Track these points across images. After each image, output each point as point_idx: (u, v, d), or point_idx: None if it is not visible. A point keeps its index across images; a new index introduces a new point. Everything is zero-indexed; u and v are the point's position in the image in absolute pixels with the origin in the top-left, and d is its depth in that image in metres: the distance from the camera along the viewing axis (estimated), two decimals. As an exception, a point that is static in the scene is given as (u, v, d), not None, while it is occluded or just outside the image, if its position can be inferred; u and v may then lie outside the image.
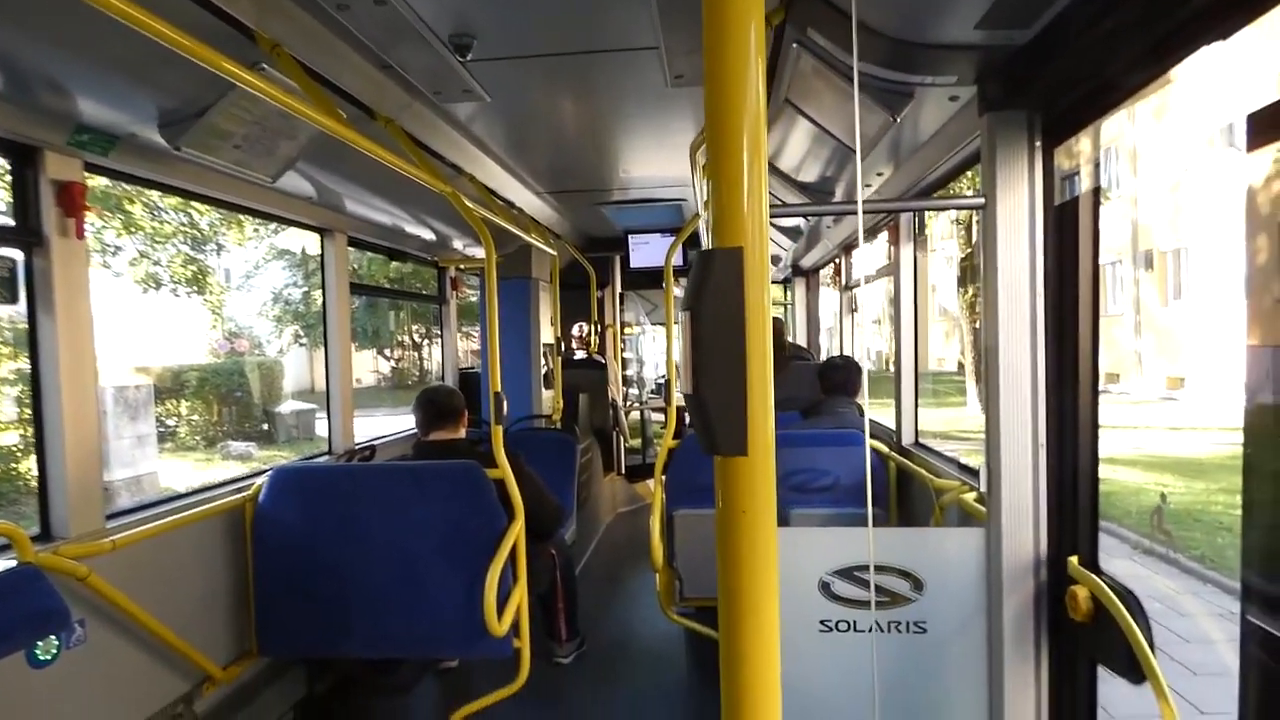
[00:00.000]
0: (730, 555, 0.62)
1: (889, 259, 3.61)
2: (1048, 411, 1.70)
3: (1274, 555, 1.21)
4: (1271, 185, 2.93)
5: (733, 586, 0.62)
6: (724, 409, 0.58)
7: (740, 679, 0.63)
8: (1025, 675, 1.72)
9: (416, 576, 2.53)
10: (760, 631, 0.62)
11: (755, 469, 0.61)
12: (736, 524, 0.61)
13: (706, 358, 0.58)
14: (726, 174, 0.59)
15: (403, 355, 23.09)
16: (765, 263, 0.60)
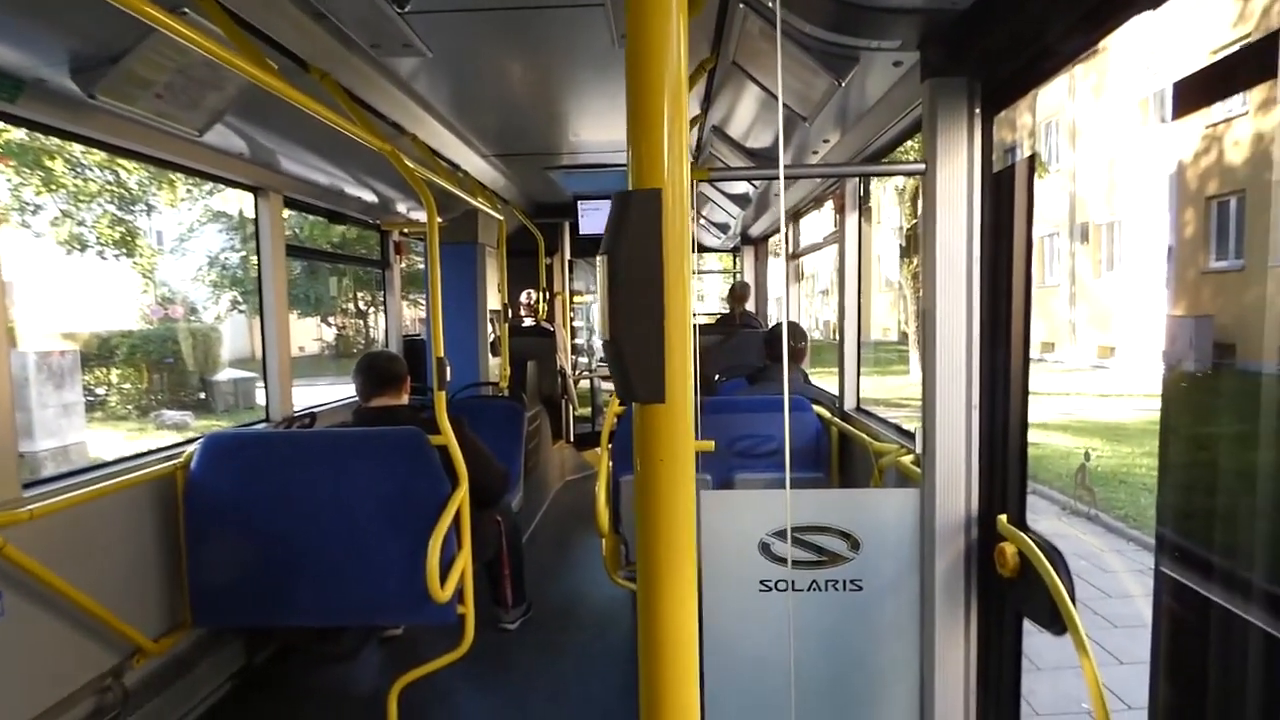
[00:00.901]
0: (648, 504, 0.61)
1: (836, 227, 3.65)
2: (980, 375, 1.74)
3: (1186, 511, 1.27)
4: (1198, 163, 3.02)
5: (651, 536, 0.62)
6: (641, 356, 0.57)
7: (658, 628, 0.63)
8: (955, 629, 1.78)
9: (358, 544, 2.49)
10: (678, 580, 0.62)
11: (674, 417, 0.60)
12: (655, 472, 0.60)
13: (623, 303, 0.57)
14: (645, 112, 0.57)
15: (347, 323, 22.55)
16: (685, 206, 0.58)
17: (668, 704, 0.64)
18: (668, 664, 0.64)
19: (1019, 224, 1.69)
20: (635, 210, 0.56)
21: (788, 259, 5.14)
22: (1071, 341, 18.89)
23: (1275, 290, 3.17)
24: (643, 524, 0.62)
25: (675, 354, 0.58)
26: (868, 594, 1.84)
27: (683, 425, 0.60)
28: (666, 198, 0.57)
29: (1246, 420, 1.14)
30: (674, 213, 0.58)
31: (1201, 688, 1.18)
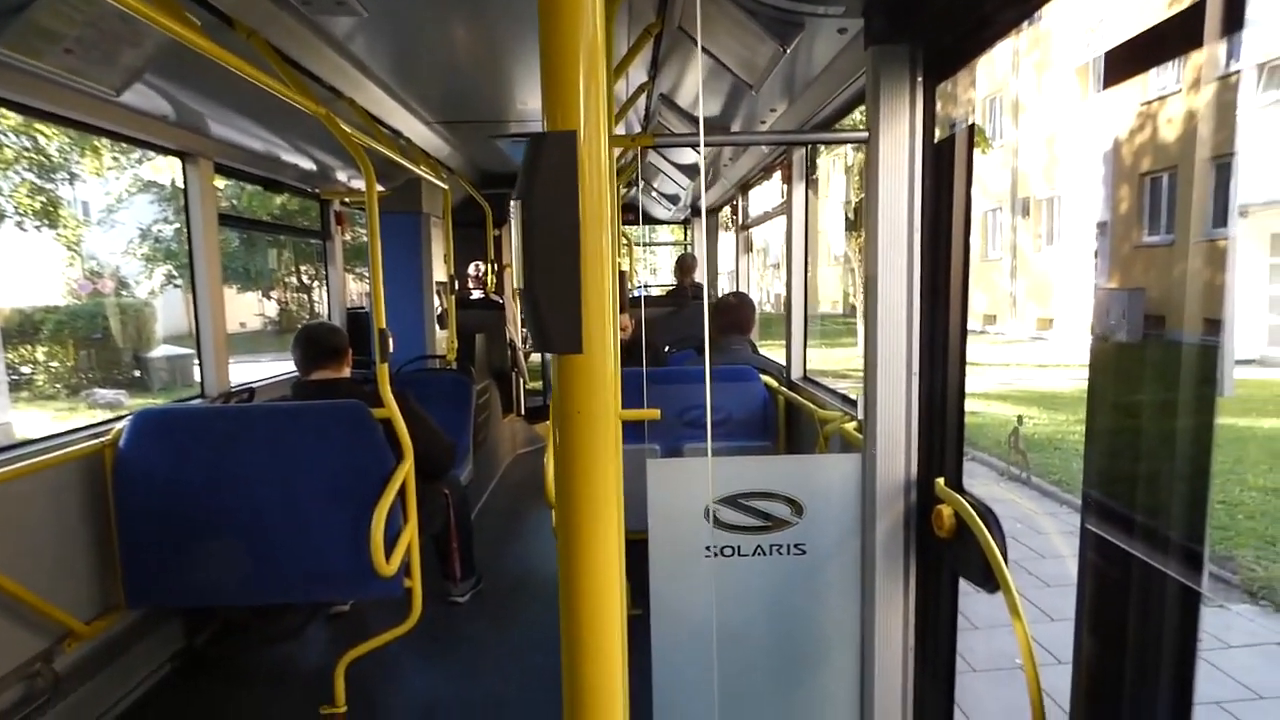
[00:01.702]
0: (567, 456, 0.60)
1: (784, 198, 3.66)
2: (920, 341, 1.77)
3: (1109, 472, 1.31)
4: (1133, 140, 3.08)
5: (570, 489, 0.60)
6: (558, 305, 0.55)
7: (579, 585, 0.62)
8: (895, 589, 1.83)
9: (299, 520, 2.43)
10: (599, 535, 0.61)
11: (593, 367, 0.58)
12: (573, 424, 0.59)
13: (538, 251, 0.55)
14: (559, 46, 0.55)
15: (290, 297, 21.91)
16: (602, 150, 0.56)
17: (591, 665, 0.64)
18: (590, 619, 0.63)
19: (959, 192, 1.71)
20: (549, 154, 0.54)
21: (737, 230, 5.15)
22: (1012, 314, 19.47)
23: (1200, 265, 3.29)
24: (561, 477, 0.61)
25: (594, 303, 0.57)
26: (811, 557, 1.87)
27: (601, 375, 0.59)
28: (583, 140, 0.55)
29: (1169, 388, 1.17)
30: (591, 156, 0.56)
31: (1121, 636, 1.23)
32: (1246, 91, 12.08)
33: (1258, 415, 8.58)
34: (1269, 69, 12.07)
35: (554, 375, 0.60)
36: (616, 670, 0.64)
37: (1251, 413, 8.68)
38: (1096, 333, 1.66)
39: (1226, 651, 3.85)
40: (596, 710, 0.64)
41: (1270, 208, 11.88)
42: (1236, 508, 5.69)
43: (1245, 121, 5.72)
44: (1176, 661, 1.17)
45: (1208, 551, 1.10)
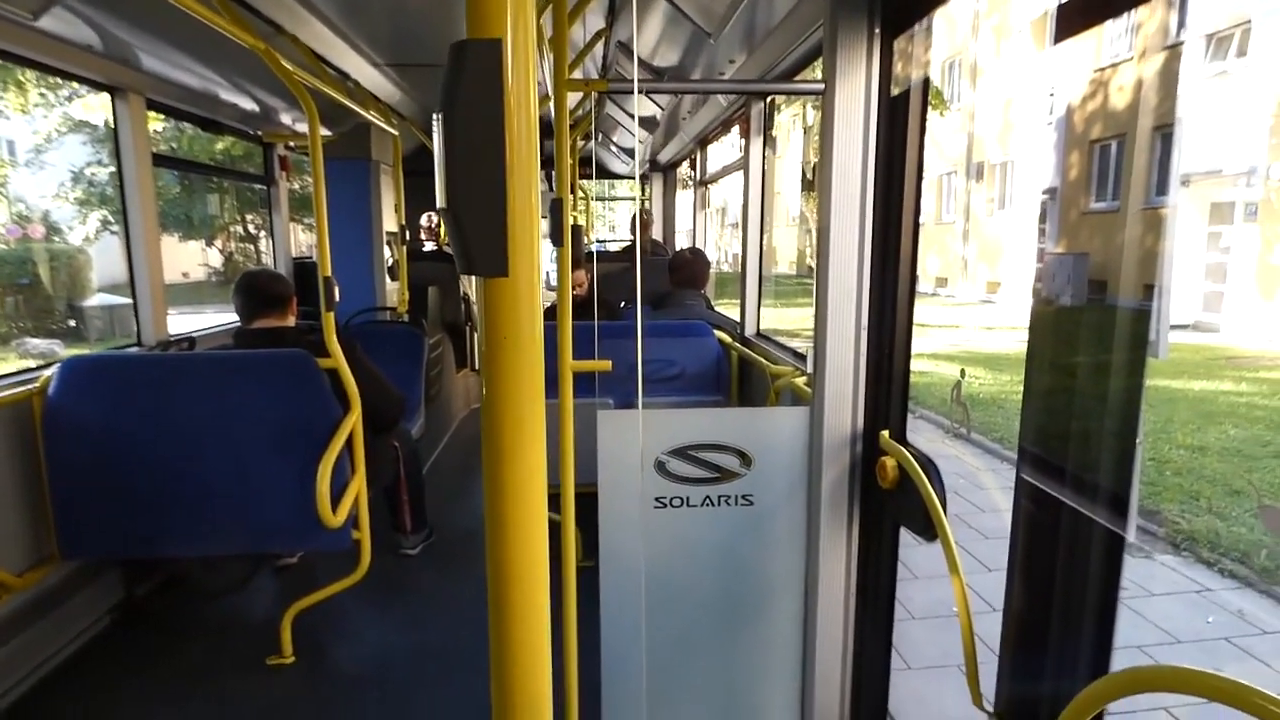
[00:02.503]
0: (492, 384, 0.59)
1: (741, 153, 3.63)
2: (870, 295, 1.79)
3: (1043, 428, 1.35)
4: (1085, 106, 3.13)
5: (495, 420, 0.59)
6: (481, 225, 0.53)
7: (504, 516, 0.61)
8: (838, 538, 1.88)
9: (243, 470, 2.38)
10: (524, 467, 0.60)
11: (518, 291, 0.57)
12: (499, 350, 0.58)
13: (461, 167, 0.52)
14: None
15: (236, 246, 21.17)
16: (531, 61, 0.54)
17: (516, 609, 0.63)
18: (515, 551, 0.63)
19: (912, 148, 1.71)
20: (471, 63, 0.51)
21: (695, 187, 5.11)
22: (963, 277, 19.86)
23: (1141, 232, 3.39)
24: (488, 404, 0.60)
25: (520, 223, 0.55)
26: (758, 508, 1.91)
27: (528, 300, 0.57)
28: (510, 49, 0.53)
29: (1104, 349, 1.21)
30: (520, 67, 0.53)
31: (1049, 582, 1.28)
32: (1194, 62, 12.34)
33: (1189, 378, 8.96)
34: (1217, 39, 12.33)
35: (479, 300, 0.59)
36: (541, 595, 0.64)
37: (1184, 375, 9.06)
38: (1036, 295, 1.70)
39: (1149, 599, 4.06)
40: (521, 646, 0.64)
41: (1212, 177, 12.26)
42: (1165, 464, 5.97)
43: (1190, 92, 5.91)
44: (1100, 605, 1.22)
45: (1134, 500, 1.14)
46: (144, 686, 2.39)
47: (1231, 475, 5.74)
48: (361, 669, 2.50)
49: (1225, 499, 5.28)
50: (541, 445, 0.62)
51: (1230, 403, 7.90)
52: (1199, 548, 4.59)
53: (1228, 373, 9.45)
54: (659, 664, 1.96)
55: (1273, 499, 5.32)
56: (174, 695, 2.35)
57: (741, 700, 2.00)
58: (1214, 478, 5.68)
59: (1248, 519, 5.02)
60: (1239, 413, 7.46)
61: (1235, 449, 6.34)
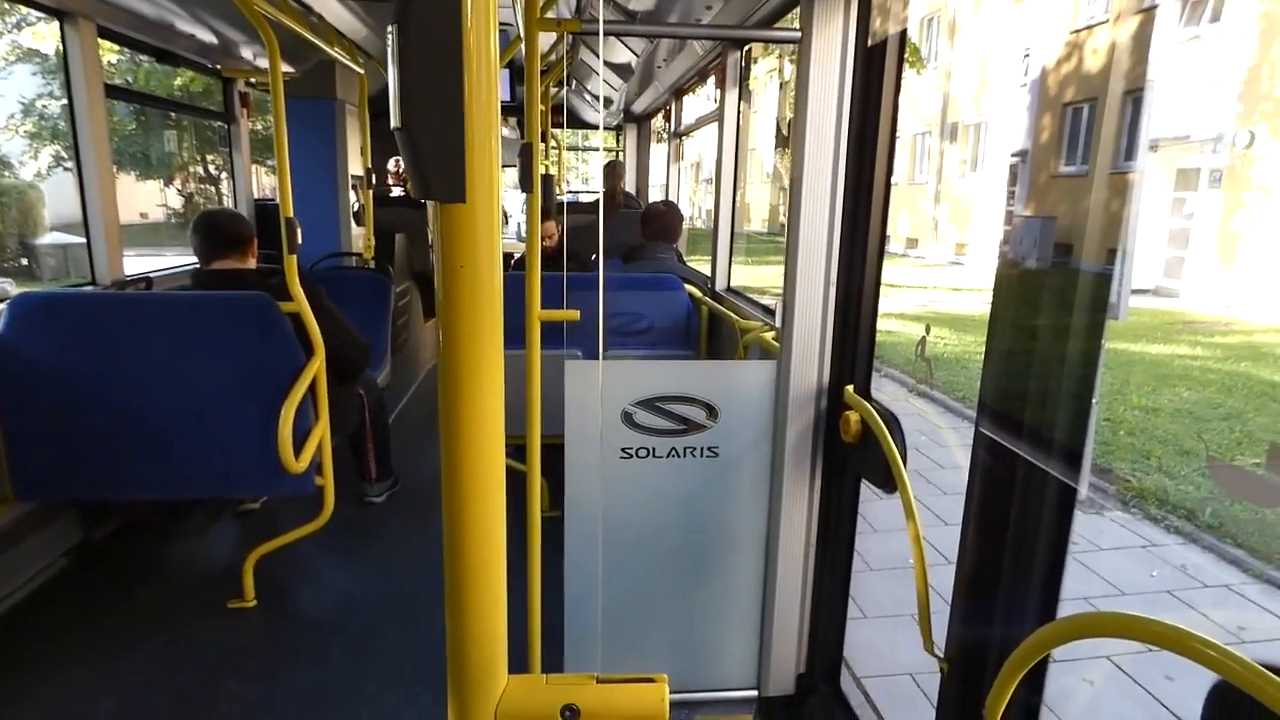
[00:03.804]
0: (450, 313, 0.57)
1: (716, 104, 3.57)
2: (840, 250, 1.78)
3: (1002, 384, 1.37)
4: (1059, 69, 3.13)
5: (453, 357, 0.58)
6: (439, 148, 0.51)
7: (460, 449, 0.61)
8: (800, 489, 1.90)
9: (204, 413, 2.33)
10: (481, 396, 0.59)
11: (476, 218, 0.55)
12: (455, 279, 0.56)
13: (417, 85, 0.50)
14: None
15: (196, 187, 20.50)
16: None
17: (471, 546, 0.63)
18: (472, 479, 0.62)
19: (887, 101, 1.69)
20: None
21: (669, 139, 5.03)
22: (934, 238, 19.98)
23: (1107, 196, 3.42)
24: (446, 332, 0.58)
25: (479, 148, 0.53)
26: (723, 459, 1.92)
27: (486, 227, 0.56)
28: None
29: (1065, 309, 1.22)
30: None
31: (1002, 533, 1.31)
32: (1168, 26, 12.35)
33: (1147, 341, 9.19)
34: (1192, 3, 12.34)
35: (435, 226, 0.57)
36: (496, 535, 0.64)
37: (1142, 339, 9.28)
38: (1002, 257, 1.71)
39: (1098, 554, 4.22)
40: (477, 591, 0.63)
41: (1179, 143, 12.39)
42: (1119, 424, 6.15)
43: (1162, 56, 5.92)
44: (1050, 556, 1.26)
45: (1089, 456, 1.17)
46: (102, 629, 2.37)
47: (1182, 435, 5.93)
48: (325, 614, 2.51)
49: (1175, 458, 5.46)
50: (498, 379, 0.61)
51: (1185, 366, 8.13)
52: (1148, 505, 4.76)
53: (1184, 337, 9.71)
54: (620, 610, 1.99)
55: (1222, 458, 5.52)
56: (132, 638, 2.34)
57: (700, 645, 2.05)
58: (1165, 438, 5.87)
59: (1195, 477, 5.21)
60: (1193, 376, 7.68)
61: (1187, 410, 6.54)
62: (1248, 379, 7.46)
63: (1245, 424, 6.16)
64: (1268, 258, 11.22)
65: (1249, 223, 11.64)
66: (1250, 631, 3.51)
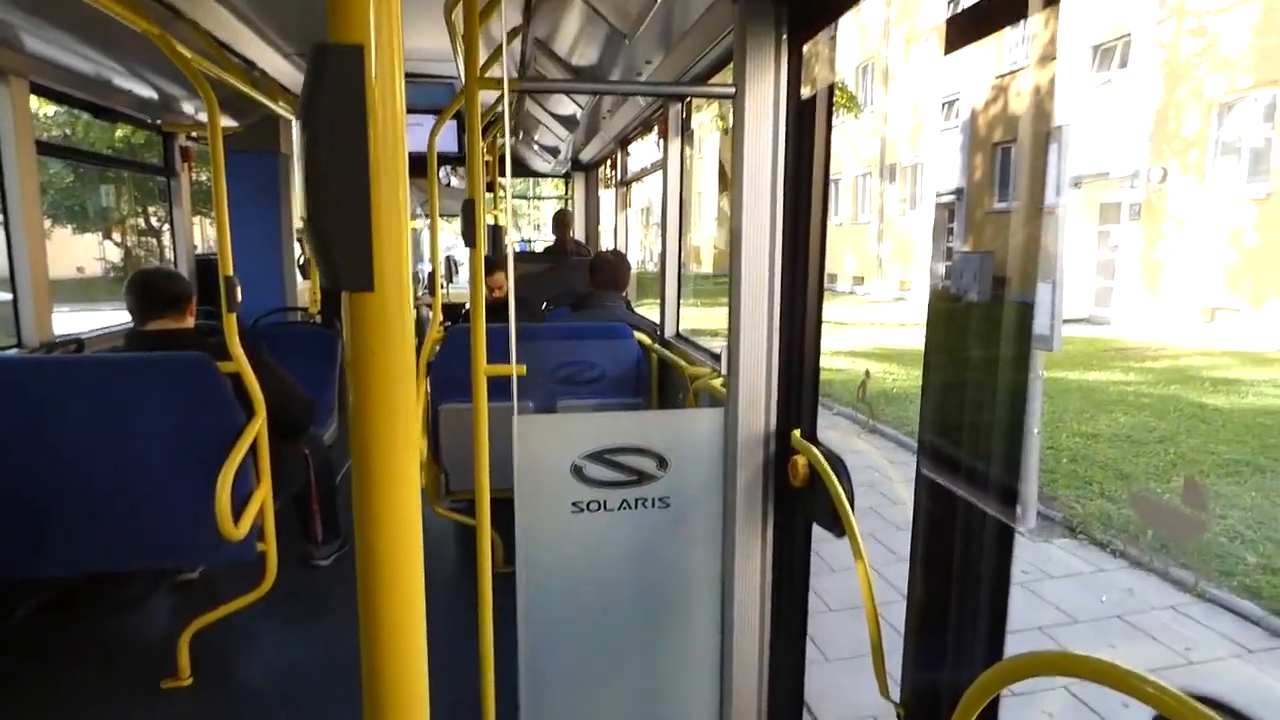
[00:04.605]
0: (361, 402, 0.57)
1: (661, 154, 3.64)
2: (781, 297, 1.82)
3: (938, 423, 1.41)
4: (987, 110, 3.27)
5: (366, 440, 0.57)
6: (345, 237, 0.51)
7: (375, 548, 0.59)
8: (753, 536, 1.91)
9: (137, 482, 2.24)
10: (397, 493, 0.58)
11: (386, 305, 0.55)
12: (368, 366, 0.56)
13: (322, 177, 0.50)
14: None
15: (138, 240, 20.02)
16: (397, 67, 0.52)
17: (389, 644, 0.61)
18: (388, 586, 0.60)
19: (819, 150, 1.75)
20: (333, 70, 0.49)
21: (616, 187, 5.11)
22: (879, 275, 20.55)
23: (1036, 231, 3.60)
24: (356, 423, 0.58)
25: (387, 235, 0.53)
26: (674, 509, 1.92)
27: (397, 313, 0.56)
28: (372, 54, 0.51)
29: (994, 343, 1.26)
30: (385, 74, 0.51)
31: (947, 571, 1.33)
32: (1082, 71, 13.09)
33: (1084, 369, 9.53)
34: (1102, 51, 13.14)
35: (345, 314, 0.57)
36: (418, 654, 0.62)
37: (1079, 366, 9.63)
38: (932, 293, 1.77)
39: (1048, 581, 4.30)
40: (396, 699, 0.62)
41: (1100, 179, 13.06)
42: (1061, 452, 6.32)
43: (1078, 99, 6.28)
44: (993, 594, 1.28)
45: (1033, 489, 1.20)
46: (24, 718, 2.22)
47: (1121, 460, 6.13)
48: (267, 688, 2.39)
49: (1115, 483, 5.64)
50: (414, 469, 0.60)
51: (1120, 391, 8.44)
52: (1093, 530, 4.88)
53: (1117, 363, 10.11)
54: (577, 666, 1.95)
55: (1156, 484, 5.71)
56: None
57: (661, 699, 2.01)
58: (1105, 463, 6.06)
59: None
60: (1128, 400, 7.97)
61: (1125, 435, 6.77)
62: (1178, 402, 7.78)
63: (1178, 446, 6.40)
64: (1188, 285, 11.82)
65: (1169, 252, 12.27)
66: (1196, 651, 3.60)
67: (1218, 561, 4.34)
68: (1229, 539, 4.61)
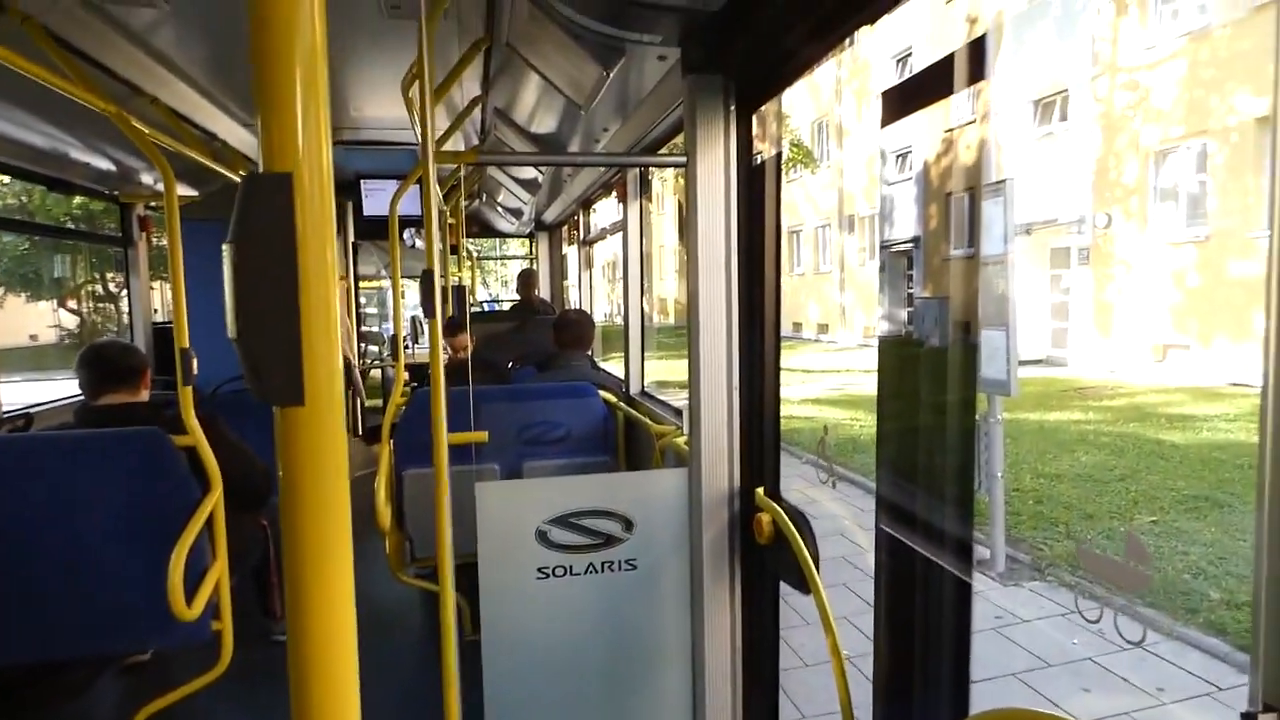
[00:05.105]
0: (292, 518, 0.57)
1: (621, 215, 3.72)
2: (740, 356, 1.86)
3: (892, 478, 1.43)
4: (939, 162, 3.40)
5: (299, 556, 0.58)
6: (275, 354, 0.53)
7: (311, 674, 0.59)
8: (721, 595, 1.90)
9: (85, 563, 2.17)
10: (333, 615, 0.59)
11: (318, 421, 0.56)
12: (298, 485, 0.57)
13: (251, 297, 0.52)
14: (274, 87, 0.52)
15: (94, 306, 19.69)
16: (325, 192, 0.54)
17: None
18: (320, 700, 0.60)
19: (770, 214, 1.82)
20: (263, 196, 0.52)
21: (579, 246, 5.18)
22: (842, 323, 20.91)
23: (989, 276, 3.74)
24: (289, 541, 0.58)
25: (318, 351, 0.54)
26: (641, 571, 1.91)
27: (330, 429, 0.57)
28: (301, 182, 0.53)
29: (940, 389, 1.30)
30: (312, 198, 0.53)
31: (909, 625, 1.34)
32: (1024, 125, 13.69)
33: (1044, 410, 9.73)
34: (1043, 105, 13.78)
35: (276, 428, 0.58)
36: None
37: (1040, 407, 9.83)
38: (881, 342, 1.82)
39: (1020, 626, 4.31)
40: None
41: (1050, 225, 13.55)
42: (1027, 494, 6.41)
43: (1022, 150, 6.53)
44: (955, 647, 1.29)
45: (998, 538, 1.22)
46: None
47: (1084, 500, 6.22)
48: None
49: (1081, 523, 5.71)
50: (348, 588, 0.60)
51: (1081, 430, 8.62)
52: (1061, 571, 4.93)
53: (1076, 403, 10.34)
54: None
55: (1119, 522, 5.80)
56: None
57: (634, 769, 1.97)
58: (1070, 503, 6.14)
59: (1101, 540, 5.45)
60: (1088, 440, 8.13)
61: (1087, 475, 6.89)
62: (1136, 439, 7.96)
63: (1139, 483, 6.52)
64: (1138, 324, 12.21)
65: (1118, 294, 12.70)
66: (1169, 691, 3.62)
67: (1183, 599, 4.40)
68: (1192, 575, 4.68)
